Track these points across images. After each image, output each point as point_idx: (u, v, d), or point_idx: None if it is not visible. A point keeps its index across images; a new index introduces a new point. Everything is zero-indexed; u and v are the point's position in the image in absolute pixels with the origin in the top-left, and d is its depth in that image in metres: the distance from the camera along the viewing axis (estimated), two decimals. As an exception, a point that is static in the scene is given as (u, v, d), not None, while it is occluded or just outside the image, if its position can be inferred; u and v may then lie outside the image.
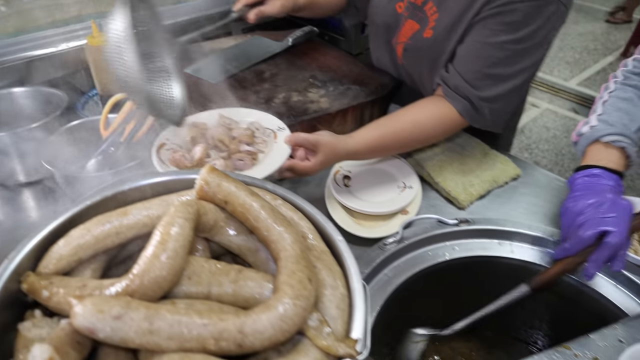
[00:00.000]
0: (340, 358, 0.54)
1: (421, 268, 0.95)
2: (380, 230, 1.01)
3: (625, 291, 0.89)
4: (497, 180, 1.15)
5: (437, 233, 0.99)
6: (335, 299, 0.59)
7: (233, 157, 0.96)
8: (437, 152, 1.20)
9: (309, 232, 0.66)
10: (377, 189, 1.10)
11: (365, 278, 0.90)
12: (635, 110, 0.95)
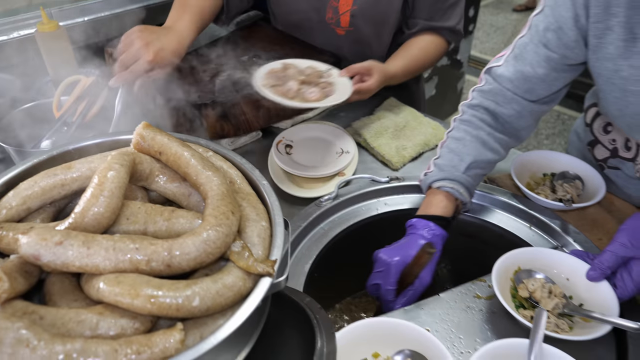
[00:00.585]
0: (260, 275, 0.62)
1: (355, 221, 1.04)
2: (318, 190, 1.10)
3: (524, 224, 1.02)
4: (429, 143, 1.25)
5: (369, 190, 1.08)
6: (257, 229, 0.67)
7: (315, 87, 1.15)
8: (374, 119, 1.30)
9: (237, 178, 0.75)
10: (317, 155, 1.18)
11: (303, 231, 0.99)
12: (464, 150, 0.99)
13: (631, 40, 0.83)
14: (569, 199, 1.02)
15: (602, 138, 1.11)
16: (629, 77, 0.86)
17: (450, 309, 0.85)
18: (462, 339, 0.81)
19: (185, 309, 0.56)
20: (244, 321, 0.58)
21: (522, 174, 1.09)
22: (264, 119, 1.26)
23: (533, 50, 0.94)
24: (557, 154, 1.15)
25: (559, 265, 0.87)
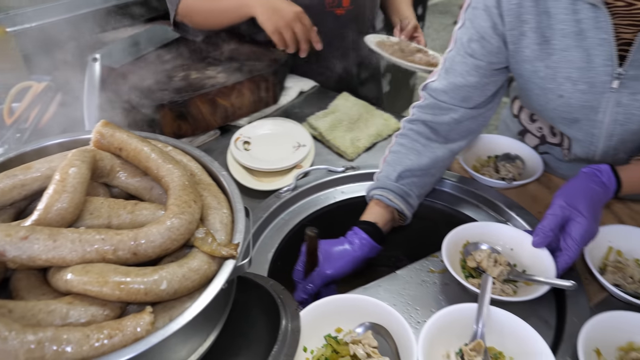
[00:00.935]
0: (224, 258, 0.65)
1: (314, 210, 1.09)
2: (277, 183, 1.14)
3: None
4: (381, 134, 1.31)
5: (326, 180, 1.13)
6: (219, 216, 0.70)
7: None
8: (328, 113, 1.35)
9: (197, 170, 0.78)
10: (274, 149, 1.22)
11: (264, 221, 1.02)
12: (398, 160, 1.03)
13: (544, 43, 0.92)
14: (511, 177, 1.10)
15: (530, 127, 1.20)
16: (546, 76, 0.95)
17: (406, 284, 0.91)
18: (418, 310, 0.86)
19: (153, 293, 0.59)
20: (211, 302, 0.61)
21: (468, 158, 1.16)
22: (221, 117, 1.29)
23: (461, 62, 1.01)
24: (500, 137, 1.23)
25: (503, 237, 0.94)
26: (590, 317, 0.79)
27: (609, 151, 1.02)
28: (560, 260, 0.86)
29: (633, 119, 0.94)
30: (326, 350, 0.76)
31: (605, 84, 0.91)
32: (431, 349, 0.74)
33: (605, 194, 0.90)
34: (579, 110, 0.97)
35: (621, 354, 0.80)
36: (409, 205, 1.01)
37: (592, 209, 0.86)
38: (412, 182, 1.02)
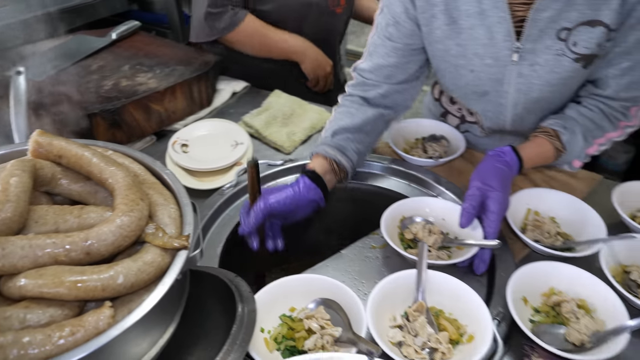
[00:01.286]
0: (177, 250, 0.68)
1: (257, 203, 1.12)
2: (219, 181, 1.16)
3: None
4: (315, 126, 1.36)
5: (267, 173, 1.17)
6: (167, 212, 0.73)
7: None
8: (262, 111, 1.39)
9: (140, 171, 0.80)
10: (213, 149, 1.24)
11: (210, 218, 1.05)
12: (333, 123, 1.11)
13: (452, 24, 1.02)
14: (438, 155, 1.19)
15: (450, 109, 1.31)
16: (457, 54, 1.06)
17: (351, 261, 0.97)
18: (364, 283, 0.92)
19: (111, 288, 0.61)
20: (167, 292, 0.64)
21: (398, 141, 1.24)
22: (156, 122, 1.30)
23: (381, 45, 1.11)
24: (425, 120, 1.32)
25: (435, 209, 1.02)
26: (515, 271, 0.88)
27: (516, 119, 1.14)
28: (487, 232, 0.94)
29: (533, 87, 1.05)
30: (282, 328, 0.81)
31: (507, 58, 1.02)
32: (378, 315, 0.80)
33: (510, 171, 1.00)
34: (488, 83, 1.08)
35: (544, 299, 0.89)
36: (346, 157, 1.06)
37: (503, 184, 0.96)
38: (346, 138, 1.08)
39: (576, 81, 1.05)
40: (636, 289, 0.92)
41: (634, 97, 1.04)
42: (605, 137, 1.08)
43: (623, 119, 1.07)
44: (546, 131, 1.06)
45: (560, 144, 1.05)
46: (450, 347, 0.77)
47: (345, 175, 1.08)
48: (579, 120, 1.05)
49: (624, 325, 0.80)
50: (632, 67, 1.00)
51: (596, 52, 0.98)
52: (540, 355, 0.81)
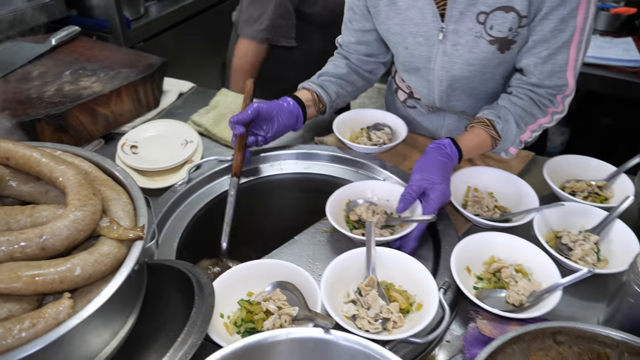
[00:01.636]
0: (133, 241, 0.70)
1: (210, 199, 1.14)
2: (171, 179, 1.18)
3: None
4: (263, 122, 1.40)
5: (218, 169, 1.19)
6: (121, 205, 0.75)
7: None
8: (210, 109, 1.41)
9: (91, 169, 0.81)
10: (163, 149, 1.25)
11: (164, 215, 1.06)
12: (324, 68, 1.33)
13: (392, 5, 1.14)
14: (382, 142, 1.25)
15: (401, 85, 1.41)
16: (395, 32, 1.18)
17: (305, 246, 1.01)
18: (318, 265, 0.97)
19: (69, 280, 0.62)
20: (125, 282, 0.66)
21: (343, 131, 1.29)
22: (103, 126, 1.30)
23: (346, 27, 1.31)
24: (370, 111, 1.38)
25: (379, 191, 1.08)
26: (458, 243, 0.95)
27: (443, 96, 1.23)
28: (424, 213, 0.98)
29: (455, 66, 1.15)
30: (241, 312, 0.83)
31: (434, 37, 1.13)
32: (333, 292, 0.84)
33: (450, 162, 1.05)
34: (419, 60, 1.19)
35: (485, 266, 0.96)
36: (326, 93, 1.26)
37: (443, 176, 1.01)
38: (329, 80, 1.29)
39: (494, 64, 1.13)
40: (567, 252, 1.00)
41: (558, 85, 1.10)
42: (537, 123, 1.14)
43: (551, 105, 1.13)
44: (482, 121, 1.11)
45: (496, 132, 1.09)
46: (400, 316, 0.82)
47: (324, 108, 1.26)
48: (511, 109, 1.11)
49: (556, 284, 0.87)
50: (551, 55, 1.07)
51: (509, 37, 1.06)
52: (484, 317, 0.87)
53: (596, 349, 0.73)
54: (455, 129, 1.34)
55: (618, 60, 2.09)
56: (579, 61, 1.09)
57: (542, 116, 1.13)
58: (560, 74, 1.09)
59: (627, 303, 0.80)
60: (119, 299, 0.66)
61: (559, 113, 1.15)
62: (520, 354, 0.72)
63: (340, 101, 1.31)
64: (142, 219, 0.74)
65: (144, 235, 0.70)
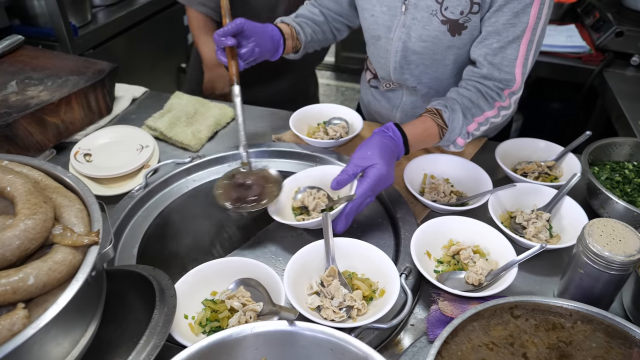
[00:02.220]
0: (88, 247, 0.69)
1: (169, 202, 1.13)
2: (128, 185, 1.16)
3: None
4: (220, 122, 1.39)
5: (176, 172, 1.18)
6: (74, 212, 0.73)
7: None
8: (165, 113, 1.39)
9: (40, 177, 0.79)
10: (117, 155, 1.23)
11: (122, 221, 1.05)
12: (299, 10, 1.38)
13: None
14: (339, 136, 1.26)
15: (370, 66, 1.45)
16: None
17: (267, 244, 1.02)
18: (281, 260, 0.97)
19: (22, 290, 0.61)
20: (81, 288, 0.64)
21: (300, 127, 1.30)
22: (54, 135, 1.26)
23: None
24: (326, 105, 1.40)
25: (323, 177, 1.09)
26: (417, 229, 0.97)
27: (396, 67, 1.26)
28: (356, 191, 0.97)
29: (411, 39, 1.19)
30: (206, 312, 0.83)
31: (397, 8, 1.18)
32: (296, 286, 0.85)
33: (395, 145, 1.05)
34: (381, 29, 1.23)
35: (445, 250, 0.99)
36: (303, 32, 1.32)
37: (385, 157, 1.00)
38: (305, 22, 1.34)
39: (444, 45, 1.16)
40: (521, 230, 1.04)
41: (506, 79, 1.12)
42: (484, 115, 1.14)
43: (498, 98, 1.14)
44: (429, 110, 1.12)
45: (442, 121, 1.10)
46: (364, 303, 0.83)
47: (299, 46, 1.32)
48: (458, 100, 1.12)
49: (512, 261, 0.91)
50: (502, 48, 1.09)
51: (460, 21, 1.10)
52: (445, 299, 0.89)
53: (551, 319, 0.77)
54: (410, 110, 1.37)
55: (563, 47, 2.17)
56: (529, 60, 1.11)
57: (488, 109, 1.14)
58: (509, 68, 1.11)
59: (578, 274, 0.84)
60: (77, 307, 0.65)
61: (506, 109, 1.16)
62: (480, 330, 0.75)
63: (311, 46, 1.36)
64: (96, 224, 0.72)
65: (99, 240, 0.69)
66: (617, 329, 0.74)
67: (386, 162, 0.99)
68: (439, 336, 0.71)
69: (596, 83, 2.06)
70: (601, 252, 0.78)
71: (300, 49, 1.32)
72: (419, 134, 1.09)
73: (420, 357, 0.82)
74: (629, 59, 2.06)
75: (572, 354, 0.72)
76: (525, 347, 0.73)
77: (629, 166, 1.17)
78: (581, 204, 1.05)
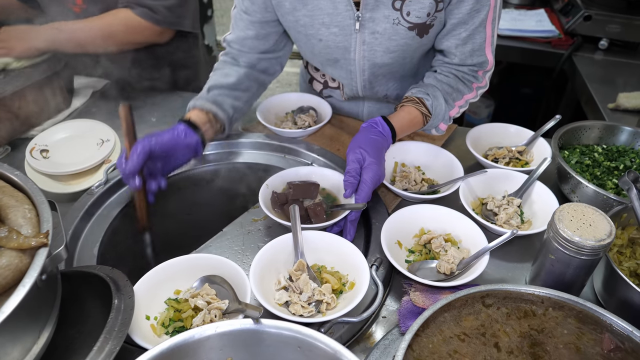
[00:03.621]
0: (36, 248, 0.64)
1: (131, 199, 1.08)
2: (88, 182, 1.11)
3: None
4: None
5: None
6: (21, 212, 0.69)
7: None
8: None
9: (-16, 176, 0.74)
10: (77, 151, 1.18)
11: (82, 220, 1.00)
12: (209, 81, 1.17)
13: None
14: (307, 125, 1.23)
15: (315, 75, 1.37)
16: (306, 24, 1.10)
17: (234, 238, 0.98)
18: (248, 255, 0.94)
19: (-38, 298, 0.56)
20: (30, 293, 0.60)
21: (268, 117, 1.27)
22: (7, 131, 1.20)
23: (240, 19, 1.16)
24: (292, 94, 1.36)
25: (316, 177, 1.06)
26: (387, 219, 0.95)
27: (366, 85, 1.21)
28: (357, 199, 0.96)
29: (376, 54, 1.12)
30: (169, 312, 0.80)
31: (350, 27, 1.08)
32: (263, 281, 0.82)
33: (385, 140, 1.05)
34: (336, 51, 1.14)
35: (416, 239, 0.97)
36: (222, 110, 1.11)
37: (377, 154, 1.00)
38: (222, 94, 1.14)
39: (413, 49, 1.12)
40: (493, 217, 1.03)
41: (479, 63, 1.13)
42: (464, 98, 1.16)
43: (475, 81, 1.15)
44: (412, 99, 1.11)
45: (426, 109, 1.10)
46: (334, 296, 0.81)
47: (222, 128, 1.13)
48: (439, 87, 1.12)
49: (483, 249, 0.89)
50: (470, 35, 1.08)
51: (427, 22, 1.06)
52: (417, 289, 0.87)
53: (523, 307, 0.75)
54: (375, 112, 1.34)
55: (532, 32, 2.17)
56: (495, 37, 1.11)
57: (468, 92, 1.16)
58: (480, 52, 1.11)
59: (549, 260, 0.83)
60: (28, 313, 0.61)
61: (483, 87, 1.18)
62: (452, 320, 0.73)
63: (238, 115, 1.18)
64: (45, 224, 0.68)
65: (48, 242, 0.65)
66: (589, 314, 0.73)
67: (378, 160, 0.99)
68: (410, 329, 0.69)
69: (566, 67, 2.07)
70: (571, 238, 0.77)
71: (225, 129, 1.15)
72: (406, 125, 1.10)
73: (392, 350, 0.80)
74: (597, 43, 2.07)
75: (544, 341, 0.71)
76: (497, 336, 0.72)
77: (598, 149, 1.17)
78: (552, 188, 1.04)
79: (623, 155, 1.15)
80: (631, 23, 2.02)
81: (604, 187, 1.07)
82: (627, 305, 0.80)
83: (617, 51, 2.07)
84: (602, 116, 1.64)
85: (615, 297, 0.84)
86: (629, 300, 0.80)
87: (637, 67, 1.98)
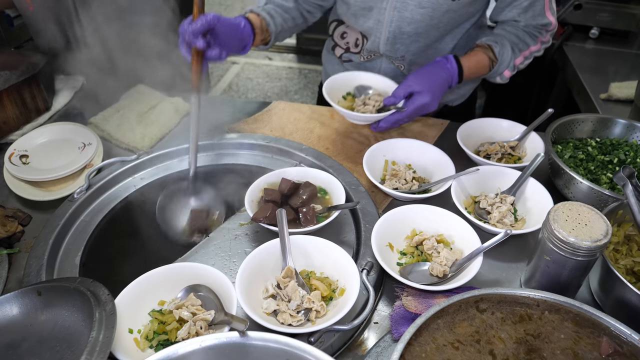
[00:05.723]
0: None
1: (116, 203, 1.06)
2: (69, 188, 1.07)
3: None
4: (173, 120, 1.30)
5: (121, 170, 1.10)
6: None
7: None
8: (113, 112, 1.29)
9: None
10: (58, 156, 1.14)
11: (62, 228, 0.96)
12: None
13: None
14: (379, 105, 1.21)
15: (339, 42, 1.40)
16: None
17: (221, 243, 0.95)
18: (235, 262, 0.91)
19: None
20: None
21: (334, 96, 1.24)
22: (-16, 137, 1.16)
23: None
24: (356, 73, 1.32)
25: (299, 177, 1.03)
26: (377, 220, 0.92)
27: (389, 39, 1.24)
28: (392, 116, 1.13)
29: (407, 7, 1.17)
30: (153, 324, 0.77)
31: None
32: (250, 290, 0.79)
33: (449, 76, 1.16)
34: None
35: (408, 241, 0.94)
36: (273, 23, 1.23)
37: (433, 87, 1.11)
38: (277, 10, 1.26)
39: (443, 10, 1.16)
40: (486, 216, 1.01)
41: (543, 24, 1.22)
42: (529, 50, 1.24)
43: (539, 35, 1.24)
44: (481, 45, 1.21)
45: (493, 54, 1.20)
46: (323, 304, 0.78)
47: (268, 39, 1.24)
48: (507, 36, 1.22)
49: (477, 250, 0.87)
50: (531, 4, 1.18)
51: None
52: (409, 293, 0.85)
53: (518, 311, 0.73)
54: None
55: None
56: (553, 2, 1.21)
57: (533, 44, 1.25)
58: (542, 16, 1.21)
59: (544, 261, 0.80)
60: None
61: (546, 43, 1.27)
62: (445, 327, 0.71)
63: (281, 36, 1.29)
64: None
65: None
66: (585, 317, 0.71)
67: (432, 92, 1.11)
68: (402, 338, 0.66)
69: (557, 57, 2.04)
70: (567, 239, 0.74)
71: (269, 41, 1.25)
72: (473, 66, 1.19)
73: (384, 357, 0.78)
74: (588, 32, 2.05)
75: (541, 347, 0.69)
76: (492, 343, 0.69)
77: (592, 143, 1.15)
78: (545, 183, 1.02)
79: (617, 148, 1.12)
80: (622, 11, 2.00)
81: (598, 182, 1.05)
82: (624, 304, 0.78)
83: (608, 40, 2.05)
84: (594, 106, 1.61)
85: (612, 297, 0.82)
86: (626, 300, 0.78)
87: (628, 56, 1.97)
